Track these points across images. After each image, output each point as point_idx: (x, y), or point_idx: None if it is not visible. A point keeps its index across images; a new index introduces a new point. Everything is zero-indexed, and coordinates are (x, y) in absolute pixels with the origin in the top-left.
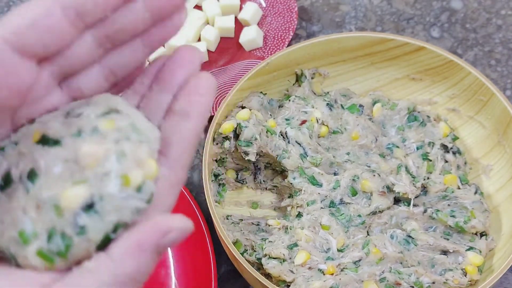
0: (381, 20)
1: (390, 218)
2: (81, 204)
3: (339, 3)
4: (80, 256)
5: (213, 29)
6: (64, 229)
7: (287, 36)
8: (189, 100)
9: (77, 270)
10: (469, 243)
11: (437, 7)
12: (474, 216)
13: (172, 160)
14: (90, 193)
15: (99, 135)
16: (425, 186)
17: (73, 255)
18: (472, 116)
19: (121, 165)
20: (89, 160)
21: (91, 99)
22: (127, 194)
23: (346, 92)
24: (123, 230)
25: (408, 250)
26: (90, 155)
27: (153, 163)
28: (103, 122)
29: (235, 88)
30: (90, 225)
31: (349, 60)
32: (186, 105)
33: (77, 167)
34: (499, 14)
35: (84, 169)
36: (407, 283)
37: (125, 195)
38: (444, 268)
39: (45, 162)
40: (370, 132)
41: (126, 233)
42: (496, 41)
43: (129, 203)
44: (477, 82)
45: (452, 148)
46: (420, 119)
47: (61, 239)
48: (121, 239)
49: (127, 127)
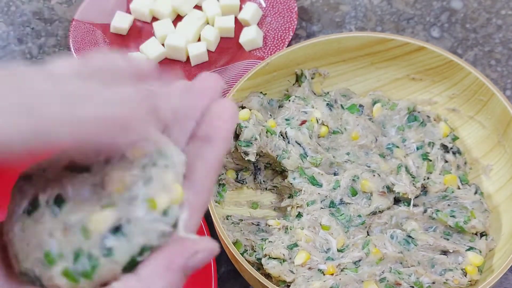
0: (381, 20)
1: (390, 218)
2: (109, 226)
3: (339, 3)
4: (105, 278)
5: (213, 29)
6: (90, 250)
7: (287, 36)
8: (212, 125)
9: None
10: (469, 243)
11: (437, 7)
12: (474, 216)
13: (196, 185)
14: (117, 217)
15: (127, 161)
16: (425, 186)
17: (98, 276)
18: (472, 116)
19: (148, 189)
20: (117, 185)
21: None
22: (154, 217)
23: (346, 92)
24: (149, 253)
25: (408, 250)
26: (118, 181)
27: (179, 187)
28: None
29: (235, 88)
30: (117, 247)
31: (349, 60)
32: (209, 131)
33: (105, 192)
34: (499, 14)
35: (112, 194)
36: (407, 283)
37: (151, 218)
38: (444, 268)
39: (73, 188)
40: (370, 132)
41: (154, 254)
42: (496, 41)
43: (155, 227)
44: (477, 82)
45: (452, 148)
46: (420, 119)
47: (87, 260)
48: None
49: (154, 153)
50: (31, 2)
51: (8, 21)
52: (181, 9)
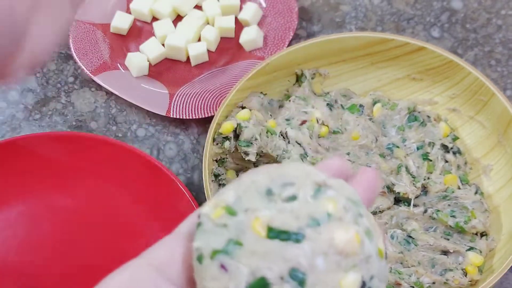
0: (382, 20)
1: (390, 218)
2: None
3: (339, 3)
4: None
5: (213, 29)
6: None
7: (287, 36)
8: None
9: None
10: (469, 243)
11: (437, 7)
12: (474, 216)
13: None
14: (361, 276)
15: (337, 219)
16: (426, 186)
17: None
18: (473, 116)
19: (373, 242)
20: (350, 248)
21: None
22: (383, 263)
23: (346, 92)
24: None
25: (409, 250)
26: (349, 244)
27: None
28: (329, 205)
29: (235, 88)
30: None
31: (349, 60)
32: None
33: (338, 257)
34: (499, 14)
35: (347, 256)
36: (407, 283)
37: (383, 265)
38: (444, 268)
39: (305, 260)
40: (370, 132)
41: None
42: (496, 41)
43: (386, 271)
44: (477, 82)
45: (452, 148)
46: (421, 119)
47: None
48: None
49: (348, 202)
50: None
51: None
52: (181, 9)
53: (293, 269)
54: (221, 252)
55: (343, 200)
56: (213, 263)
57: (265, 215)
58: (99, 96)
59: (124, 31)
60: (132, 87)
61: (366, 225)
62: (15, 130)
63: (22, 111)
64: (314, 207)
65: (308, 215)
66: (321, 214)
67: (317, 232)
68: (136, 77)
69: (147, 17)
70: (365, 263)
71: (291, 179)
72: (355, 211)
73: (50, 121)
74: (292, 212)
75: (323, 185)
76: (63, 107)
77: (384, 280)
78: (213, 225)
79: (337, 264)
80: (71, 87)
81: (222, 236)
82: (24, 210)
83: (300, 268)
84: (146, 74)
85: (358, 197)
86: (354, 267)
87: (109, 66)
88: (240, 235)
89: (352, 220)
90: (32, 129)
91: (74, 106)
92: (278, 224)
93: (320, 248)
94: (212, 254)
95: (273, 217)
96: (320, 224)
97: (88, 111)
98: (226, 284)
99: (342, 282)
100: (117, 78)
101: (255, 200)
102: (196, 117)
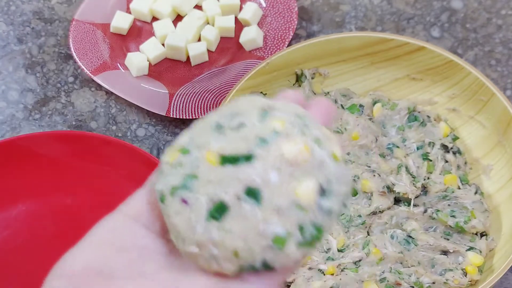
0: (381, 20)
1: (390, 218)
2: (317, 193)
3: (339, 3)
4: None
5: (213, 29)
6: (313, 219)
7: (287, 36)
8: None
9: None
10: (469, 243)
11: (437, 7)
12: (474, 216)
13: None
14: (317, 181)
15: (284, 135)
16: (425, 186)
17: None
18: (473, 116)
19: (324, 148)
20: (300, 157)
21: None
22: (341, 166)
23: (346, 92)
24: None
25: (408, 250)
26: (299, 154)
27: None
28: (276, 123)
29: (235, 88)
30: (333, 204)
31: (349, 60)
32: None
33: (291, 168)
34: (499, 14)
35: (299, 166)
36: (407, 283)
37: (341, 168)
38: (444, 268)
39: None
40: (370, 132)
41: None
42: (496, 41)
43: (346, 174)
44: (477, 82)
45: (452, 148)
46: (420, 119)
47: (312, 227)
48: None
49: (294, 117)
50: (31, 2)
51: (8, 20)
52: (181, 9)
53: (247, 187)
54: (180, 187)
55: (289, 117)
56: (174, 200)
57: (216, 146)
58: (99, 96)
59: (124, 31)
60: (132, 87)
61: (315, 134)
62: (15, 130)
63: (22, 110)
64: (261, 129)
65: (256, 136)
66: (268, 133)
67: (266, 150)
68: (136, 77)
69: (147, 17)
70: (318, 169)
71: (238, 110)
72: (301, 124)
73: (50, 121)
74: (241, 138)
75: (268, 109)
76: (63, 107)
77: (344, 182)
78: (170, 167)
79: (290, 175)
80: (71, 87)
81: (179, 174)
82: (24, 210)
83: (254, 185)
84: (146, 74)
85: (304, 112)
86: (308, 175)
87: (109, 66)
88: (195, 169)
89: (300, 133)
90: (32, 129)
91: (74, 106)
92: (229, 151)
93: (271, 164)
94: (171, 191)
95: (224, 146)
96: (269, 142)
97: (88, 111)
98: (189, 215)
99: (297, 190)
100: (117, 78)
101: (206, 136)
102: (196, 117)
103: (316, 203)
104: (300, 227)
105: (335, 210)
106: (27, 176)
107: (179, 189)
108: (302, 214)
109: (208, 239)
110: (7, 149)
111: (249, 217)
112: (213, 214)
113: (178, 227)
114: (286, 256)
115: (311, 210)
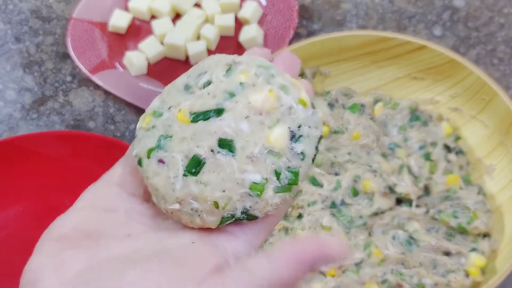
0: (383, 18)
1: (392, 219)
2: (289, 138)
3: (340, 1)
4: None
5: (213, 28)
6: (287, 164)
7: (288, 34)
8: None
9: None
10: (471, 244)
11: (439, 5)
12: (476, 217)
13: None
14: (288, 127)
15: (250, 86)
16: (428, 186)
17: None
18: (475, 116)
19: (290, 94)
20: (268, 104)
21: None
22: (311, 111)
23: (347, 91)
24: None
25: (410, 251)
26: (266, 101)
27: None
28: (241, 76)
29: None
30: (305, 147)
31: (350, 59)
32: None
33: (260, 116)
34: (501, 13)
35: (268, 114)
36: (409, 284)
37: (310, 112)
38: (446, 270)
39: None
40: (371, 131)
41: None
42: (499, 39)
43: (315, 118)
44: (479, 81)
45: (454, 148)
46: (422, 118)
47: (288, 172)
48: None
49: (258, 68)
50: (28, 0)
51: (5, 19)
52: (181, 7)
53: (220, 139)
54: (155, 148)
55: (254, 69)
56: (151, 161)
57: (186, 104)
58: (97, 95)
59: (123, 30)
60: (131, 86)
61: (280, 82)
62: (13, 130)
63: (19, 110)
64: (227, 83)
65: (224, 91)
66: (235, 86)
67: (234, 102)
68: (134, 76)
69: (146, 15)
70: (287, 114)
71: (204, 69)
72: (266, 74)
73: (47, 121)
74: (210, 94)
75: (233, 64)
76: (60, 106)
77: (315, 126)
78: (145, 131)
79: (260, 123)
80: (69, 86)
81: (153, 136)
82: (23, 209)
83: (226, 137)
84: (145, 73)
85: (268, 63)
86: (278, 121)
87: (108, 65)
88: (168, 129)
89: (265, 82)
90: (29, 129)
91: (72, 105)
92: (199, 107)
93: (240, 114)
94: (148, 154)
95: (193, 104)
96: (236, 95)
97: (86, 110)
98: (167, 173)
99: (269, 137)
100: (115, 77)
101: (176, 97)
102: None
103: (289, 148)
104: (275, 172)
105: (308, 154)
106: (25, 176)
107: (155, 150)
108: (276, 159)
109: (187, 194)
110: (5, 149)
111: (225, 168)
112: (190, 169)
113: (157, 187)
114: (265, 203)
115: (285, 155)
